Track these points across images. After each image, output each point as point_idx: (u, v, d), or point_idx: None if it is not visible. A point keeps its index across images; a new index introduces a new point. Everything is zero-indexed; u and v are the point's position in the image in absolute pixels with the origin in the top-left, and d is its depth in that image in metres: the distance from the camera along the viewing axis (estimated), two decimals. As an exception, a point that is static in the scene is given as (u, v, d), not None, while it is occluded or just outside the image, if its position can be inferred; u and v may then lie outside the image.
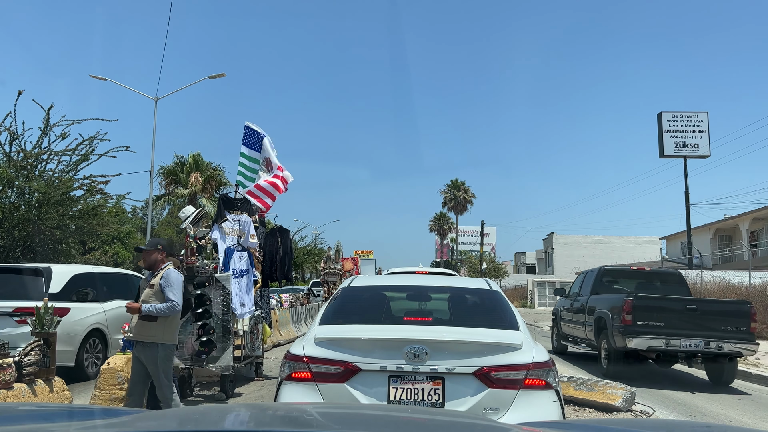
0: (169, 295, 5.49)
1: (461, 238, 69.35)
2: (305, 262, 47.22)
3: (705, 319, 9.91)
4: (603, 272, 12.88)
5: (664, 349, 9.78)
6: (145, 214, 35.56)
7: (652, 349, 9.92)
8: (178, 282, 5.60)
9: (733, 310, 10.28)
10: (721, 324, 9.86)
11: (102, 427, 1.79)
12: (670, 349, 9.77)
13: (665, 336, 9.76)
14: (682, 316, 9.94)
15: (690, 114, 32.64)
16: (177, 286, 5.58)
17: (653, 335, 9.82)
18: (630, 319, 9.96)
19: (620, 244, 57.82)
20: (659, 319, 9.93)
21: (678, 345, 9.69)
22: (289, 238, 11.36)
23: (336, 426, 1.82)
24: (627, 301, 10.10)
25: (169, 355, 5.59)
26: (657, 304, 10.28)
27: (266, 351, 11.08)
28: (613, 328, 10.39)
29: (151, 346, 5.45)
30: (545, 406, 3.68)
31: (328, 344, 3.85)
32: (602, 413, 7.59)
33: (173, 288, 5.53)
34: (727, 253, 38.58)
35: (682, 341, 9.68)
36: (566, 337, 13.89)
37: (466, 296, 4.85)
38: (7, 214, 15.17)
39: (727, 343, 9.67)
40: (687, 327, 9.81)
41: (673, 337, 9.73)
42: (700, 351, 9.68)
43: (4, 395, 5.61)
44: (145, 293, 5.61)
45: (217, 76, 23.93)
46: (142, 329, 5.48)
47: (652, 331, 9.85)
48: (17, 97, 15.43)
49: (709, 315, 10.04)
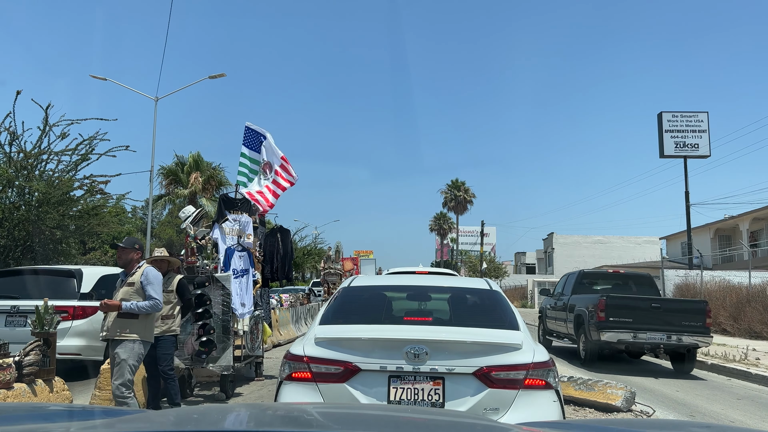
0: (151, 293, 5.50)
1: (461, 238, 69.34)
2: (305, 262, 47.23)
3: (667, 316, 11.31)
4: (582, 275, 14.39)
5: (632, 341, 11.25)
6: (145, 214, 35.53)
7: (622, 342, 11.33)
8: (158, 280, 5.63)
9: (692, 308, 11.67)
10: (681, 320, 11.25)
11: (102, 427, 1.79)
12: (637, 342, 11.24)
13: (633, 330, 11.18)
14: (648, 314, 11.31)
15: (690, 114, 32.61)
16: (158, 285, 5.60)
17: (623, 329, 11.23)
18: (603, 316, 11.33)
19: (620, 244, 57.81)
20: (628, 316, 11.32)
21: (644, 338, 11.15)
22: (290, 238, 11.36)
23: (336, 426, 1.82)
24: (601, 300, 11.47)
25: (140, 353, 5.58)
26: (626, 303, 11.67)
27: (266, 351, 11.08)
28: (590, 323, 11.69)
29: (128, 342, 5.45)
30: (545, 406, 3.67)
31: (328, 344, 3.85)
32: (602, 413, 7.58)
33: (154, 286, 5.55)
34: (727, 253, 38.57)
35: (647, 335, 11.12)
36: (551, 333, 15.13)
37: (466, 296, 4.85)
38: (7, 214, 15.16)
39: (685, 336, 11.08)
40: (652, 323, 11.19)
41: (640, 331, 11.15)
42: (662, 343, 11.12)
43: (4, 395, 5.61)
44: (124, 291, 5.58)
45: (217, 76, 23.93)
46: (122, 327, 5.47)
47: (622, 326, 11.25)
48: (16, 97, 15.44)
49: (671, 312, 11.45)
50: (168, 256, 6.81)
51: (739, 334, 18.34)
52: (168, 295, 6.47)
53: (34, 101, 16.28)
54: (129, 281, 5.62)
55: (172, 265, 6.84)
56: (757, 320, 18.00)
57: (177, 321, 6.51)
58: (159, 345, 6.38)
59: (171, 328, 6.43)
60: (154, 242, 31.54)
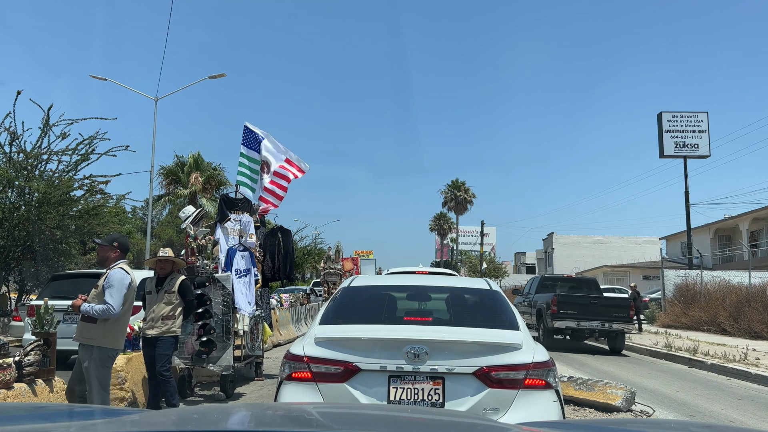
0: (106, 297, 5.10)
1: (461, 238, 69.33)
2: (305, 262, 47.21)
3: (602, 309, 15.07)
4: (544, 278, 19.10)
5: (576, 327, 15.15)
6: (145, 214, 35.55)
7: (569, 328, 15.18)
8: (120, 284, 5.16)
9: (620, 304, 15.73)
10: (612, 312, 14.96)
11: (102, 427, 1.79)
12: (580, 328, 15.16)
13: (577, 319, 15.03)
14: (588, 307, 15.22)
15: (690, 114, 32.60)
16: (118, 288, 5.14)
17: (570, 319, 15.09)
18: (555, 309, 15.08)
19: (620, 244, 57.79)
20: (573, 309, 15.16)
21: (585, 325, 15.04)
22: (291, 238, 11.35)
23: (336, 426, 1.82)
24: (554, 298, 15.45)
25: (105, 360, 5.24)
26: (572, 299, 15.70)
27: (266, 351, 11.08)
28: (546, 314, 15.50)
29: (88, 349, 5.20)
30: (545, 406, 3.67)
31: (328, 344, 3.85)
32: (602, 413, 7.59)
33: (113, 290, 5.12)
34: (727, 253, 38.56)
35: (587, 323, 15.01)
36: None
37: (466, 296, 4.85)
38: (7, 214, 15.15)
39: (615, 324, 14.87)
40: (591, 314, 15.03)
41: (582, 320, 15.01)
42: (598, 329, 15.05)
43: (4, 395, 5.61)
44: (91, 293, 5.33)
45: (217, 76, 23.93)
46: (83, 330, 5.24)
47: (569, 316, 15.09)
48: (16, 97, 15.43)
49: (604, 306, 15.24)
50: (173, 256, 6.73)
51: (739, 334, 18.34)
52: (170, 295, 6.44)
53: (34, 101, 16.29)
54: (97, 282, 5.33)
55: (176, 265, 6.80)
56: (757, 320, 18.01)
57: (178, 322, 6.46)
58: (158, 345, 6.36)
59: (171, 329, 6.39)
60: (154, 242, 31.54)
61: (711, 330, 19.67)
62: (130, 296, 5.34)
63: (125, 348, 7.13)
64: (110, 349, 5.27)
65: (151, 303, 6.52)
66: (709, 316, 20.32)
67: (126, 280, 5.22)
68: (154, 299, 6.51)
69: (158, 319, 6.38)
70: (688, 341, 16.01)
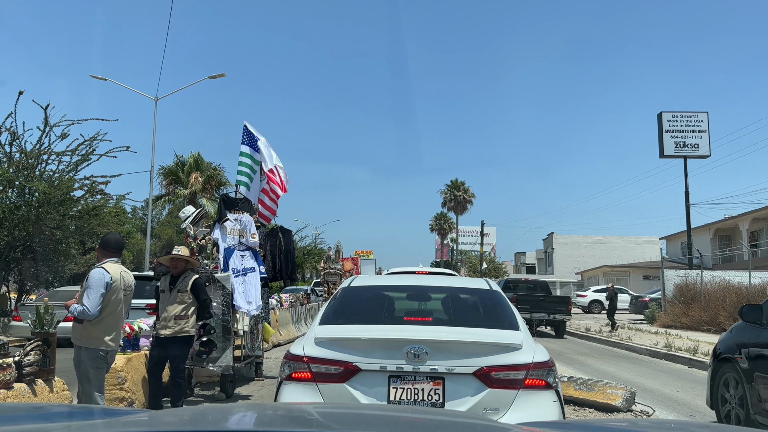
0: (84, 298, 5.09)
1: (461, 238, 69.34)
2: (305, 262, 47.22)
3: (548, 305, 20.45)
4: (507, 281, 24.12)
5: (530, 318, 19.24)
6: (145, 214, 35.53)
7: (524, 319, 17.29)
8: (97, 284, 5.10)
9: (561, 300, 21.32)
10: (555, 306, 20.44)
11: (102, 427, 1.79)
12: (533, 319, 19.62)
13: (530, 312, 19.62)
14: (538, 303, 20.41)
15: (690, 114, 32.58)
16: (94, 289, 5.08)
17: (525, 312, 18.59)
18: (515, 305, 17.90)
19: (620, 244, 57.80)
20: (528, 305, 19.90)
21: (536, 317, 19.99)
22: (291, 238, 11.34)
23: (336, 426, 1.82)
24: (513, 297, 19.00)
25: (93, 360, 5.19)
26: (526, 297, 20.64)
27: (266, 351, 11.08)
28: None
29: (78, 349, 5.24)
30: (545, 406, 3.67)
31: (328, 344, 3.85)
32: (602, 413, 7.58)
33: (90, 291, 5.08)
34: (727, 253, 38.56)
35: (538, 315, 20.10)
36: None
37: (466, 296, 4.85)
38: (7, 214, 15.15)
39: (557, 315, 20.22)
40: (540, 308, 20.23)
41: (534, 313, 19.87)
42: (545, 319, 20.40)
43: (4, 395, 5.60)
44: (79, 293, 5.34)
45: (217, 76, 23.94)
46: (73, 331, 5.29)
47: (524, 310, 18.90)
48: (18, 98, 15.44)
49: (550, 302, 20.69)
50: (187, 255, 6.67)
51: (739, 334, 18.34)
52: (182, 295, 6.40)
53: (35, 102, 16.28)
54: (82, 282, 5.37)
55: (190, 265, 6.76)
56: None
57: (191, 321, 6.42)
58: (170, 346, 6.31)
59: (184, 328, 6.35)
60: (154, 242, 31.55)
61: (711, 330, 19.66)
62: (111, 296, 5.25)
63: (125, 348, 7.12)
64: (95, 350, 5.20)
65: (164, 302, 6.49)
66: (709, 316, 20.33)
67: (103, 280, 5.14)
68: (167, 298, 6.49)
69: (171, 318, 6.34)
70: (689, 341, 16.00)
